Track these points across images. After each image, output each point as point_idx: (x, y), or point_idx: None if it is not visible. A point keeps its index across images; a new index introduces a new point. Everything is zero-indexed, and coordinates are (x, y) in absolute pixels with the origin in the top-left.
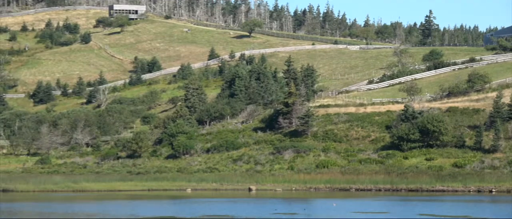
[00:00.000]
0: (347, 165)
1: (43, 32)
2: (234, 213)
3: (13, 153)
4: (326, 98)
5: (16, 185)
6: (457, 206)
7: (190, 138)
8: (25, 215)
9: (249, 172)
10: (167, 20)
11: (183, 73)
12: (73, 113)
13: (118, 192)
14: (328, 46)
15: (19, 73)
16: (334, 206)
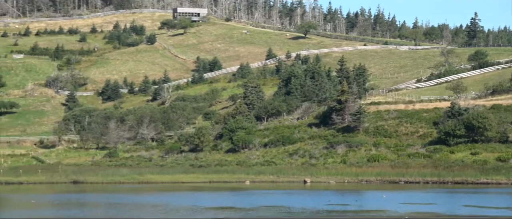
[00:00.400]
0: (397, 159)
1: (111, 33)
2: (290, 204)
3: (83, 147)
4: (377, 96)
5: (86, 177)
6: (500, 198)
7: (248, 133)
8: (94, 206)
9: (304, 165)
10: (227, 23)
11: (242, 72)
12: (139, 110)
13: (181, 184)
14: (379, 47)
15: (88, 72)
16: (384, 197)
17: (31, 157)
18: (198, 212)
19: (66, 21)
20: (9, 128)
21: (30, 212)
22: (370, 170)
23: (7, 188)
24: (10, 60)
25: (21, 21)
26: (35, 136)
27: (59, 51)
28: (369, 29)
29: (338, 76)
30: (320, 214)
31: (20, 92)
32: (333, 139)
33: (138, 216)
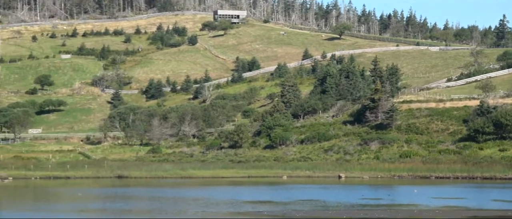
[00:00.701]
0: (428, 155)
1: (155, 34)
2: (325, 198)
3: (128, 143)
4: (409, 94)
5: (130, 172)
6: None
7: (286, 130)
8: (138, 199)
9: (338, 161)
10: (265, 24)
11: (279, 72)
12: (181, 107)
13: (221, 178)
14: (410, 48)
15: (133, 71)
16: (415, 192)
17: (78, 152)
18: (237, 206)
19: (111, 23)
20: (57, 125)
21: (77, 205)
22: (402, 165)
23: (56, 183)
24: (58, 60)
25: (69, 23)
26: (82, 133)
27: (105, 51)
28: (401, 30)
29: (371, 75)
30: (354, 208)
31: (68, 91)
32: (367, 136)
33: (180, 209)
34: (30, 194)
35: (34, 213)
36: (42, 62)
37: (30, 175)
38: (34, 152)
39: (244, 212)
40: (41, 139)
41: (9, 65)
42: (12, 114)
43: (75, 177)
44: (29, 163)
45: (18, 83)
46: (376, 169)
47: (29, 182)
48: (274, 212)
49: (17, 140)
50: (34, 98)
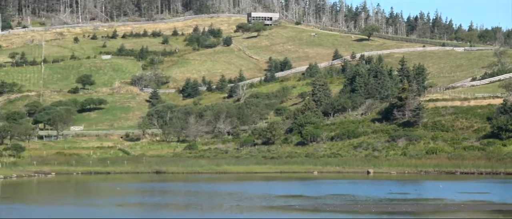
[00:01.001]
0: (453, 151)
1: (191, 36)
2: (354, 192)
3: (165, 140)
4: (435, 93)
5: (167, 168)
6: None
7: (316, 127)
8: (175, 193)
9: (367, 157)
10: (297, 26)
11: (310, 71)
12: (216, 106)
13: (255, 174)
14: (436, 48)
15: (170, 71)
16: (440, 187)
17: (118, 149)
18: (270, 200)
19: (150, 25)
20: (98, 122)
21: (116, 199)
22: (428, 161)
23: (96, 177)
24: (99, 61)
25: (109, 25)
26: (122, 130)
27: (144, 52)
28: (427, 31)
29: (399, 75)
30: (382, 202)
31: (108, 90)
32: (394, 133)
33: (216, 203)
34: (72, 188)
35: (76, 207)
36: (83, 62)
37: (72, 171)
38: (76, 148)
39: (276, 206)
40: (82, 136)
41: (52, 65)
42: (55, 112)
43: (115, 172)
44: (71, 159)
45: (60, 83)
46: (403, 164)
47: (71, 177)
48: (305, 206)
49: (60, 137)
50: (76, 97)
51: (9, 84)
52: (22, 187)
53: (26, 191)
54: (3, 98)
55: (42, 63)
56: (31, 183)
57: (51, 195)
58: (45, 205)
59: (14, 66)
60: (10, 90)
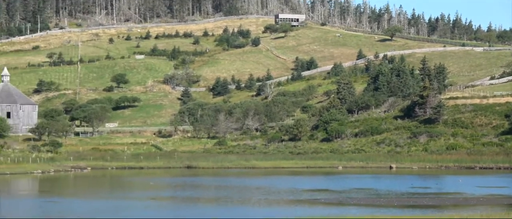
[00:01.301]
0: (472, 147)
1: (221, 37)
2: (377, 186)
3: (196, 136)
4: (455, 91)
5: (198, 163)
6: None
7: (341, 124)
8: (205, 188)
9: (390, 153)
10: (322, 27)
11: (335, 70)
12: (245, 104)
13: (282, 168)
14: (456, 48)
15: (201, 70)
16: (460, 181)
17: (151, 145)
18: (296, 194)
19: (181, 26)
20: (132, 119)
21: (149, 193)
22: (448, 157)
23: (130, 172)
24: (133, 60)
25: (143, 26)
26: (154, 127)
27: (175, 52)
28: (448, 32)
29: (420, 74)
30: (404, 196)
31: (141, 88)
32: (416, 130)
33: (245, 197)
34: (107, 183)
35: (111, 200)
36: (118, 62)
37: (107, 166)
38: (110, 144)
39: (302, 199)
40: (117, 132)
41: (88, 65)
42: (91, 109)
43: (148, 168)
44: (106, 155)
45: (96, 82)
46: (425, 160)
47: (106, 172)
48: (330, 199)
49: (95, 133)
50: (111, 95)
51: (47, 83)
52: (59, 181)
53: (63, 185)
54: (42, 96)
55: (78, 63)
56: (68, 178)
57: (87, 189)
58: (81, 198)
59: (52, 65)
60: (48, 88)
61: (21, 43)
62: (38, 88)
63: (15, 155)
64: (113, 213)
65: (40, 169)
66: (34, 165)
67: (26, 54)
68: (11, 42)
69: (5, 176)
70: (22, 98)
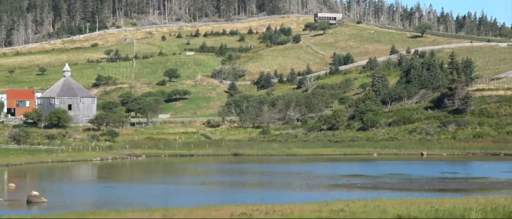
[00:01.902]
0: (497, 135)
1: (264, 34)
2: (409, 172)
3: (242, 126)
4: (481, 84)
5: (244, 150)
6: None
7: (376, 114)
8: (251, 173)
9: (421, 141)
10: (358, 25)
11: (370, 65)
12: (287, 96)
13: (321, 156)
14: (482, 44)
15: (246, 65)
16: (486, 167)
17: (200, 134)
18: (334, 179)
19: (228, 25)
20: (183, 110)
21: (199, 178)
22: (475, 144)
23: (182, 159)
24: (184, 56)
25: (192, 25)
26: (203, 117)
27: (222, 49)
28: (474, 29)
29: (449, 68)
30: (434, 181)
31: (191, 82)
32: (445, 119)
33: (286, 182)
34: (160, 169)
35: (164, 185)
36: (169, 58)
37: (160, 153)
38: (163, 133)
39: (340, 184)
40: (169, 122)
41: (142, 61)
42: (145, 101)
43: (198, 155)
44: (159, 143)
45: (149, 76)
46: (453, 147)
47: (159, 159)
48: (365, 184)
49: (149, 123)
50: (163, 88)
51: (105, 78)
52: (116, 168)
53: (120, 171)
54: (100, 90)
55: (133, 59)
56: (124, 164)
57: (142, 175)
58: (136, 183)
59: (109, 61)
60: (105, 83)
61: (81, 41)
62: (96, 82)
63: (76, 144)
64: (165, 198)
65: (99, 156)
66: (93, 153)
67: (86, 52)
68: (71, 40)
69: (67, 163)
70: (82, 91)
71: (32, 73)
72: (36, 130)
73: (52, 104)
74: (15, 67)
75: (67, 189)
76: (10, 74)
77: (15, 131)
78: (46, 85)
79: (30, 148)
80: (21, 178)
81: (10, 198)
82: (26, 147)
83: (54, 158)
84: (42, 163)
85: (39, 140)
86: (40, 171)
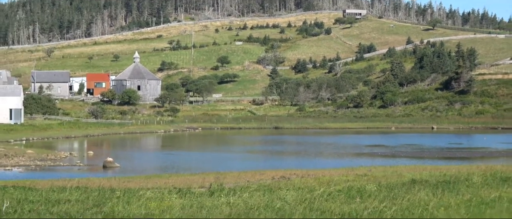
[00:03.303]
0: (496, 112)
1: (301, 27)
2: (421, 142)
3: (281, 104)
4: (483, 69)
5: (283, 124)
6: None
7: (394, 94)
8: (288, 143)
9: (432, 117)
10: (379, 19)
11: (389, 53)
12: (320, 79)
13: (348, 129)
14: (484, 35)
15: (285, 53)
16: (485, 139)
17: (247, 111)
18: (358, 148)
19: (270, 19)
20: (233, 91)
21: (245, 147)
22: (477, 120)
23: (231, 132)
24: (234, 46)
25: (241, 19)
26: (250, 97)
27: (266, 39)
28: (477, 23)
29: (455, 55)
30: (443, 150)
31: (240, 67)
32: (452, 99)
33: (318, 151)
34: (213, 139)
35: (216, 153)
36: (222, 47)
37: (213, 126)
38: (216, 110)
39: (364, 153)
40: (221, 101)
41: (199, 50)
42: (201, 83)
43: (245, 128)
44: (212, 118)
45: (205, 62)
46: (459, 122)
47: (213, 131)
48: (385, 152)
49: (205, 102)
50: (216, 72)
51: (168, 63)
52: (177, 138)
53: (180, 142)
54: (164, 73)
55: (192, 48)
56: (183, 136)
57: (198, 144)
58: (194, 151)
59: (172, 50)
60: (168, 67)
61: (148, 33)
62: (161, 67)
63: (144, 118)
64: (217, 163)
65: (163, 129)
66: (158, 126)
67: (152, 42)
68: (140, 32)
69: (136, 135)
70: (149, 75)
71: (108, 59)
72: (111, 106)
73: (124, 86)
74: (94, 54)
75: (136, 156)
76: (89, 61)
77: (94, 107)
78: (119, 70)
79: (106, 122)
80: (98, 147)
81: (89, 163)
82: (102, 121)
83: (125, 130)
84: (116, 134)
85: (113, 115)
86: (113, 141)
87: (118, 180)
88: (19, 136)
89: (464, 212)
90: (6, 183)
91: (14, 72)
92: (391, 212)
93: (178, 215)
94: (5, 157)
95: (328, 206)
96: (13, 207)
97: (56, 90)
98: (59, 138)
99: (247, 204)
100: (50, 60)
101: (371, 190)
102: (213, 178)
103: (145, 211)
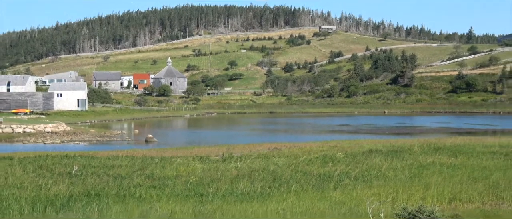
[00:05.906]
0: (431, 100)
1: (288, 39)
2: (376, 122)
3: (275, 95)
4: (421, 69)
5: (276, 110)
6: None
7: (356, 88)
8: (280, 124)
9: (384, 104)
10: (346, 33)
11: (353, 58)
12: (302, 76)
13: (323, 113)
14: (422, 44)
15: (277, 58)
16: (421, 120)
17: (249, 100)
18: (331, 127)
19: (266, 33)
20: (239, 86)
21: (248, 126)
22: (416, 106)
23: (238, 115)
24: (239, 53)
25: (245, 34)
26: (251, 90)
27: (263, 48)
28: (417, 35)
29: (401, 59)
30: (392, 128)
31: (244, 69)
32: (399, 90)
33: (301, 129)
34: (225, 121)
35: (228, 130)
36: (231, 54)
37: (225, 111)
38: (227, 100)
39: (335, 130)
40: (231, 93)
41: (214, 56)
42: (216, 80)
43: (248, 113)
44: (224, 105)
45: (219, 65)
46: (403, 107)
47: (225, 115)
48: (350, 129)
49: (219, 93)
50: (227, 72)
51: (192, 66)
52: (199, 121)
53: (202, 123)
54: (189, 73)
55: (209, 55)
56: (204, 119)
57: (215, 125)
58: (211, 130)
59: (195, 56)
60: (192, 69)
61: (177, 44)
62: (187, 69)
63: (175, 106)
64: (228, 138)
65: (188, 113)
66: (185, 111)
67: (180, 50)
68: (172, 43)
69: (169, 118)
70: (178, 74)
71: (148, 63)
72: (151, 97)
73: (160, 82)
74: (138, 60)
75: (170, 133)
76: (134, 64)
77: (138, 98)
78: (156, 71)
79: (147, 108)
80: (141, 127)
81: (135, 139)
82: (144, 108)
83: (161, 114)
84: (154, 118)
85: (152, 104)
86: (153, 122)
87: (156, 151)
88: (84, 119)
89: (407, 173)
90: (75, 153)
91: (80, 73)
92: (354, 173)
93: (200, 175)
94: (74, 134)
95: (309, 168)
96: (80, 170)
97: (111, 86)
98: (113, 121)
99: (250, 167)
100: (106, 64)
101: (340, 157)
102: (225, 149)
103: (176, 173)
